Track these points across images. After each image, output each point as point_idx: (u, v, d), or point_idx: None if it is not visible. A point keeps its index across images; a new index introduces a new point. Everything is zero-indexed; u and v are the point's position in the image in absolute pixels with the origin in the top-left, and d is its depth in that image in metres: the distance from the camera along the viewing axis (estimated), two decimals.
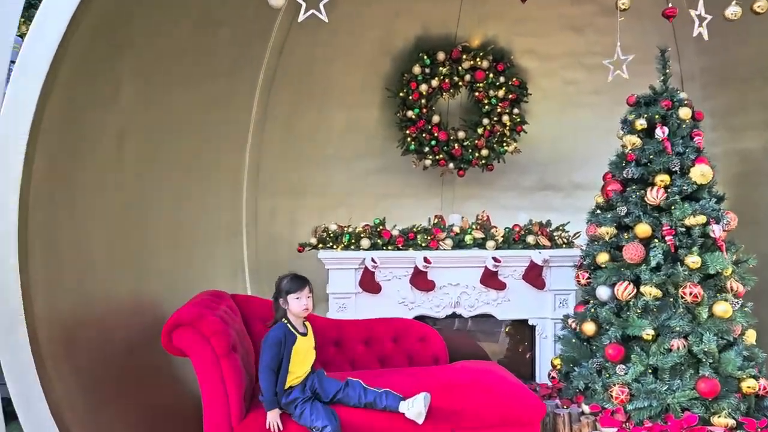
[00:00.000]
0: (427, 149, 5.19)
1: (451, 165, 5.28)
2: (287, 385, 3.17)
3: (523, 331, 4.89)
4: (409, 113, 5.12)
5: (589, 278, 3.99)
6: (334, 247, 4.53)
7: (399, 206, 5.37)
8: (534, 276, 4.56)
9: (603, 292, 3.82)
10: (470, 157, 5.23)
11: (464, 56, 5.14)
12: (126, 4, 3.36)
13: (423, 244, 4.53)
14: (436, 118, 5.19)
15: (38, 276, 3.09)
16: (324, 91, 5.11)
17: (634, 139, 3.86)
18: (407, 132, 5.17)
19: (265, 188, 5.02)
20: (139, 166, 3.86)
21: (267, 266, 4.97)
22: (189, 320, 3.33)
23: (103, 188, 3.65)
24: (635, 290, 3.64)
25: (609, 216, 3.88)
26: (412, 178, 5.53)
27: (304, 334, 3.25)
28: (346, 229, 4.57)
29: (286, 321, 3.21)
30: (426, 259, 4.42)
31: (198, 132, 4.34)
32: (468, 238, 4.58)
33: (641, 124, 3.88)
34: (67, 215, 3.38)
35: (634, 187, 3.85)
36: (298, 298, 3.17)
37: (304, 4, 3.21)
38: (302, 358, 3.22)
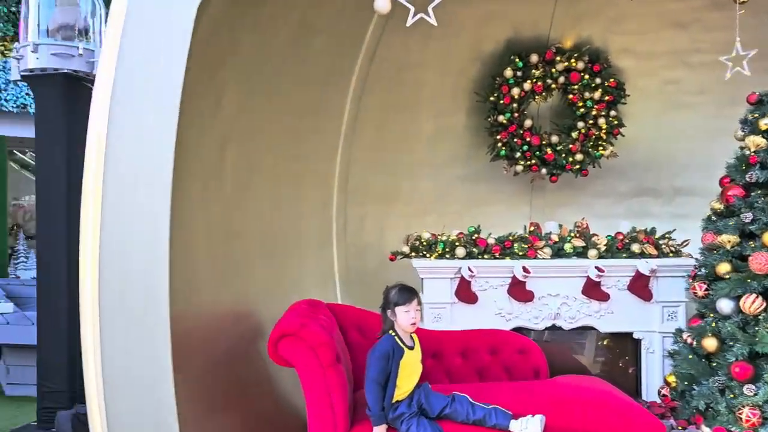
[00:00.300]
0: (518, 154, 5.03)
1: (543, 170, 5.10)
2: (394, 400, 3.08)
3: (624, 344, 4.65)
4: (500, 118, 4.98)
5: (707, 290, 3.73)
6: (428, 255, 4.43)
7: (487, 213, 5.23)
8: (640, 287, 4.31)
9: (725, 305, 3.55)
10: (563, 162, 5.04)
11: (558, 58, 4.96)
12: (231, 14, 3.37)
13: (520, 253, 4.37)
14: (528, 123, 5.03)
15: None
16: (414, 98, 5.04)
17: (759, 140, 3.59)
18: (498, 137, 5.03)
19: (355, 195, 4.99)
20: (237, 174, 3.89)
21: (357, 274, 4.93)
22: (294, 330, 3.31)
23: (205, 197, 3.69)
24: (765, 303, 3.37)
25: (731, 223, 3.61)
26: (501, 184, 5.39)
27: (412, 348, 3.15)
28: (439, 237, 4.46)
29: (393, 333, 3.11)
30: (525, 269, 4.25)
31: (291, 140, 4.35)
32: (568, 247, 4.38)
33: (766, 123, 3.61)
34: (175, 224, 3.41)
35: (759, 191, 3.57)
36: (406, 311, 3.08)
37: (412, 9, 3.15)
38: (409, 372, 3.12)
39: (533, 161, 5.04)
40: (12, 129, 9.57)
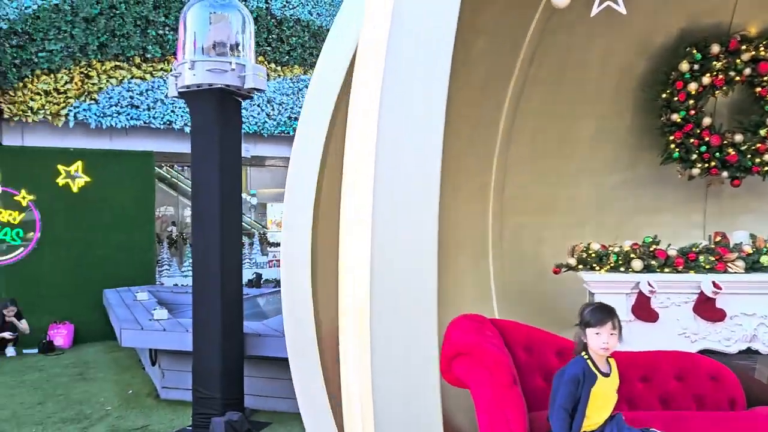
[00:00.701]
0: (694, 156, 4.53)
1: (724, 173, 4.56)
2: (582, 431, 2.77)
3: None
4: (674, 116, 4.52)
5: None
6: (598, 268, 4.06)
7: (653, 223, 4.77)
8: None
9: None
10: (749, 163, 4.47)
11: (743, 47, 4.42)
12: None
13: (707, 267, 3.89)
14: (706, 121, 4.53)
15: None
16: (574, 99, 4.69)
17: None
18: (671, 138, 4.56)
19: (511, 205, 4.72)
20: None
21: (514, 287, 4.65)
22: (469, 349, 3.12)
23: None
24: None
25: None
26: (668, 190, 4.91)
27: (607, 375, 2.82)
28: (610, 248, 4.08)
29: (586, 357, 2.80)
30: (715, 284, 3.78)
31: (449, 148, 4.15)
32: (765, 260, 3.85)
33: None
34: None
35: None
36: (597, 333, 2.75)
37: None
38: (602, 402, 2.79)
39: (712, 163, 4.52)
40: (158, 144, 10.22)
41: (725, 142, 4.51)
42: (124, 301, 8.00)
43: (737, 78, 4.49)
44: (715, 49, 4.45)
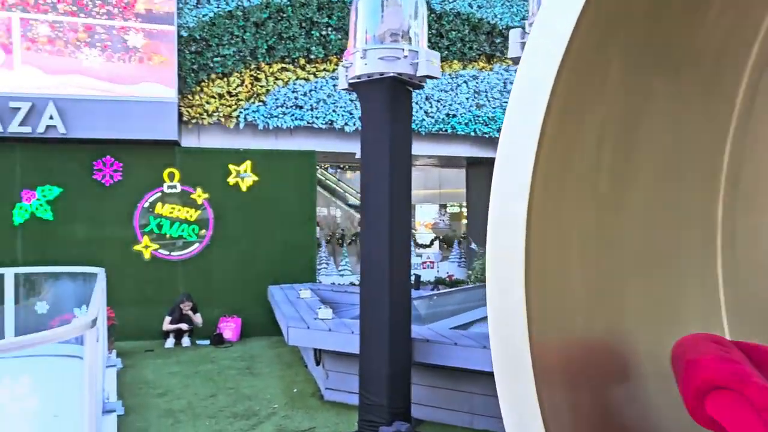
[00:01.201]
0: None
1: None
2: None
3: None
4: None
5: None
6: None
7: None
8: None
9: None
10: None
11: None
12: None
13: None
14: None
15: (533, 302, 2.58)
16: None
17: None
18: None
19: (748, 199, 3.83)
20: (614, 166, 3.13)
21: (752, 301, 3.77)
22: (730, 382, 2.41)
23: (580, 197, 3.01)
24: None
25: None
26: None
27: None
28: None
29: None
30: None
31: (672, 129, 3.44)
32: None
33: None
34: (554, 233, 2.80)
35: None
36: None
37: None
38: None
39: None
40: (319, 143, 10.29)
41: None
42: (288, 298, 8.05)
43: None
44: None
